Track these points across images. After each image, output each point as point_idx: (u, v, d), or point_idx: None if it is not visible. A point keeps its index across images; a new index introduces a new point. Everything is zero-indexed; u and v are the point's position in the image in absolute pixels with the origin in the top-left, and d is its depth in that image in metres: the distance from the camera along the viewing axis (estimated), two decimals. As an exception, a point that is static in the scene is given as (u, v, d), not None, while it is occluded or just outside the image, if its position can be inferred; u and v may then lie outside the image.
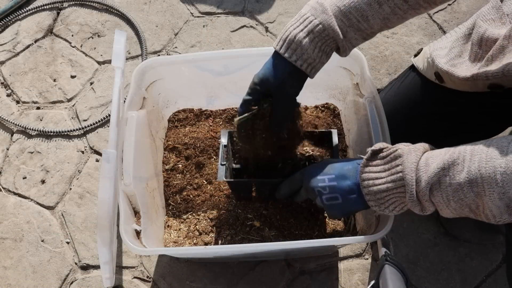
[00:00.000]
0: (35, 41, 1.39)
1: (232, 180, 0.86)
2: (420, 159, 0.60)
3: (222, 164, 0.86)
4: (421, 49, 0.92)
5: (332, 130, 0.88)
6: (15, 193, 1.20)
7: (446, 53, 0.84)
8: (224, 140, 0.89)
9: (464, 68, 0.79)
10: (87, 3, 1.44)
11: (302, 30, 0.66)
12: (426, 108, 0.89)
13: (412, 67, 0.93)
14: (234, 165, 0.89)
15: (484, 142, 0.57)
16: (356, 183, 0.68)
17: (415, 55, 0.93)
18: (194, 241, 0.93)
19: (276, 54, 0.69)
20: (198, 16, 1.40)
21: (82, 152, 1.24)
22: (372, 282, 0.74)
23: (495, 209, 0.54)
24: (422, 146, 0.63)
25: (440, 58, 0.84)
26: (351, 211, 0.73)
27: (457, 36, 0.84)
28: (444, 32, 1.33)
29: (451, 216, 0.61)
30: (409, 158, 0.61)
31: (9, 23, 1.43)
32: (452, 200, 0.57)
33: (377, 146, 0.66)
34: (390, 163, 0.64)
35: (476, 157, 0.55)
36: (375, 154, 0.66)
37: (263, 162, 0.84)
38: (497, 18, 0.76)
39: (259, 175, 0.86)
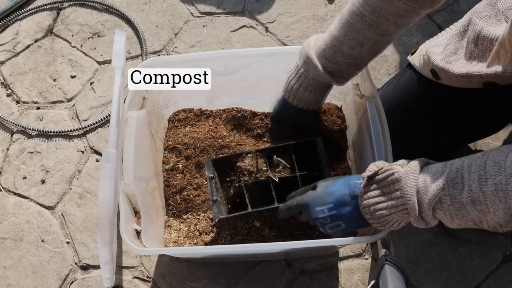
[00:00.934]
0: (35, 41, 1.39)
1: (230, 215, 0.83)
2: (418, 181, 0.60)
3: (214, 200, 0.82)
4: (417, 47, 0.93)
5: (316, 138, 0.85)
6: (15, 193, 1.20)
7: (442, 50, 0.84)
8: (209, 172, 0.85)
9: (460, 65, 0.79)
10: (87, 3, 1.44)
11: (297, 82, 0.81)
12: (423, 104, 0.89)
13: (409, 65, 0.94)
14: (227, 195, 0.87)
15: (479, 156, 0.56)
16: (355, 207, 0.68)
17: (411, 53, 0.94)
18: (194, 241, 0.93)
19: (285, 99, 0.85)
20: (198, 16, 1.40)
21: (82, 152, 1.24)
22: (372, 282, 0.74)
23: (502, 220, 0.54)
24: (417, 165, 0.62)
25: (435, 55, 0.84)
26: (355, 231, 0.75)
27: (452, 33, 0.85)
28: (444, 32, 1.34)
29: (457, 228, 0.61)
30: (408, 182, 0.60)
31: (9, 23, 1.43)
32: (456, 217, 0.58)
33: (371, 169, 0.66)
34: (388, 187, 0.64)
35: (474, 175, 0.55)
36: (371, 178, 0.66)
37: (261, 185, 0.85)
38: (492, 15, 0.76)
39: (255, 195, 0.85)
